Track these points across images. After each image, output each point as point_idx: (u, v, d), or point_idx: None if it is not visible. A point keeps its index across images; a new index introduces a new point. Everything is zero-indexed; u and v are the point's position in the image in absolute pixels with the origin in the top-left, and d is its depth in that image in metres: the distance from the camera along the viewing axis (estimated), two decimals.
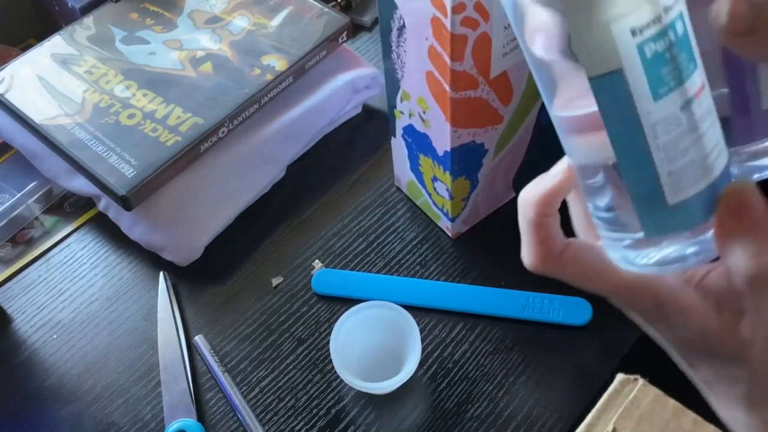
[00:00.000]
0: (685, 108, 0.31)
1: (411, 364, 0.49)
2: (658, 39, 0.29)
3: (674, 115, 0.31)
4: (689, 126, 0.31)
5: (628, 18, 0.29)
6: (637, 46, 0.29)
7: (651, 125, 0.31)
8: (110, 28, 0.67)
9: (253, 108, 0.61)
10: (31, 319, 0.58)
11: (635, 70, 0.30)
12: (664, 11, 0.29)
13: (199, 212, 0.59)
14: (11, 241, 0.63)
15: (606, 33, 0.29)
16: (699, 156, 0.32)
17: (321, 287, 0.57)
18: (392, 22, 0.49)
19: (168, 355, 0.54)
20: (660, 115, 0.31)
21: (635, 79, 0.30)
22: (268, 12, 0.68)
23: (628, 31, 0.29)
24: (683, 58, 0.30)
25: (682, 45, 0.30)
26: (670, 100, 0.30)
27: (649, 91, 0.30)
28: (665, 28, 0.29)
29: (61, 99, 0.61)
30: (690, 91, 0.30)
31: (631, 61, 0.30)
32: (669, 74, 0.30)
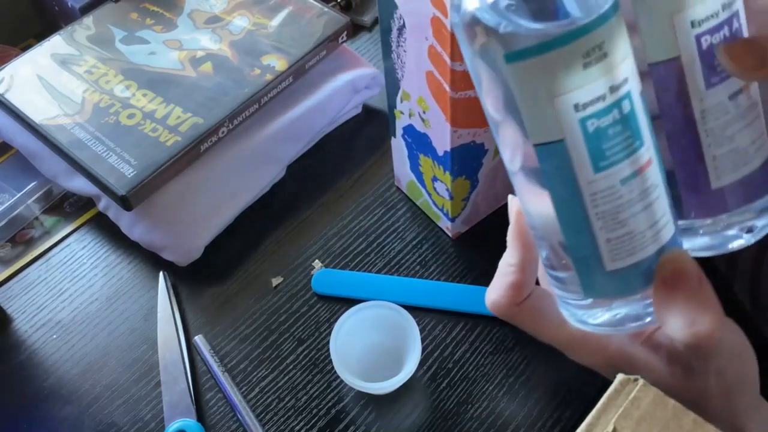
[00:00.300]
0: (626, 181, 0.31)
1: (411, 364, 0.49)
2: (601, 116, 0.30)
3: (614, 188, 0.31)
4: (629, 199, 0.31)
5: (573, 94, 0.29)
6: (579, 121, 0.30)
7: (591, 194, 0.31)
8: (110, 28, 0.67)
9: (253, 108, 0.61)
10: (31, 319, 0.58)
11: (576, 142, 0.30)
12: (609, 91, 0.29)
13: (199, 212, 0.59)
14: (11, 241, 0.63)
15: (549, 105, 0.29)
16: (638, 227, 0.32)
17: (321, 287, 0.57)
18: (392, 22, 0.49)
19: (168, 355, 0.54)
20: (600, 186, 0.31)
21: (576, 151, 0.30)
22: (268, 12, 0.68)
23: (572, 106, 0.29)
24: (627, 135, 0.30)
25: (627, 123, 0.30)
26: (611, 173, 0.31)
27: (589, 162, 0.30)
28: (610, 106, 0.29)
29: (60, 99, 0.61)
30: (633, 167, 0.31)
31: (573, 133, 0.30)
32: (611, 149, 0.30)
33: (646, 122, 0.31)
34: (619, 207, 0.31)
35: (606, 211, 0.32)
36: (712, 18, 0.31)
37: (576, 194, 0.31)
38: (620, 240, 0.32)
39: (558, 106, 0.29)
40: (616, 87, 0.29)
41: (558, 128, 0.30)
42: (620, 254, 0.33)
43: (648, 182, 0.31)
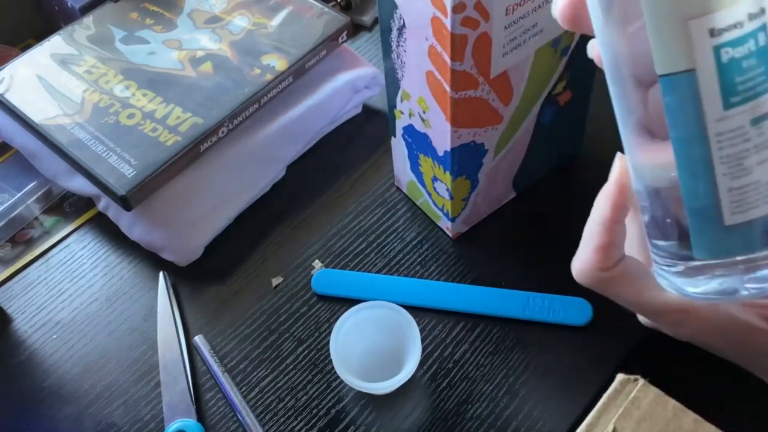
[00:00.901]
0: (755, 123, 0.29)
1: (411, 364, 0.49)
2: (737, 45, 0.28)
3: (743, 128, 0.29)
4: (758, 144, 0.29)
5: (708, 18, 0.27)
6: (713, 48, 0.28)
7: (717, 134, 0.29)
8: (110, 27, 0.67)
9: (253, 108, 0.61)
10: (30, 319, 0.58)
11: (708, 72, 0.28)
12: (748, 18, 0.27)
13: (199, 212, 0.59)
14: (11, 241, 0.63)
15: (683, 29, 0.27)
16: (766, 177, 0.29)
17: (321, 287, 0.57)
18: (392, 22, 0.49)
19: (168, 355, 0.54)
20: (728, 125, 0.29)
21: (707, 83, 0.28)
22: (268, 12, 0.67)
23: (707, 31, 0.27)
24: (761, 71, 0.28)
25: (762, 57, 0.28)
26: (741, 110, 0.28)
27: (720, 97, 0.28)
28: (747, 35, 0.27)
29: (60, 99, 0.61)
30: (764, 108, 0.28)
31: (705, 62, 0.28)
32: (744, 84, 0.28)
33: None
34: (747, 151, 0.29)
35: (732, 154, 0.29)
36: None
37: (701, 134, 0.29)
38: (743, 190, 0.29)
39: (692, 30, 0.27)
40: (755, 15, 0.27)
41: (689, 56, 0.28)
42: (742, 206, 0.30)
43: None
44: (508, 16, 0.44)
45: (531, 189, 0.61)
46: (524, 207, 0.61)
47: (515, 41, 0.47)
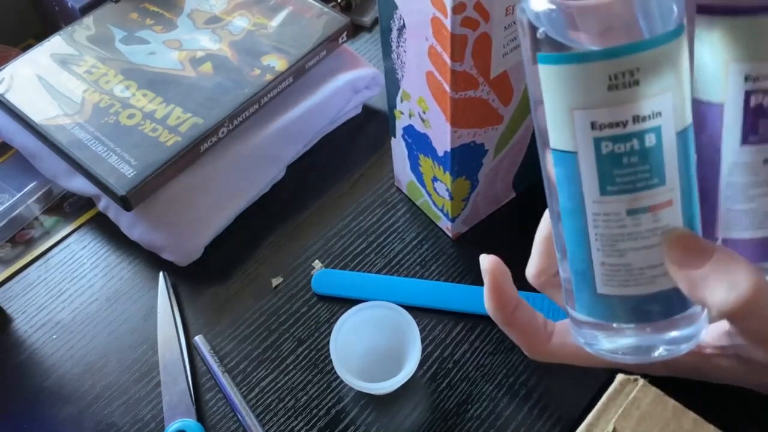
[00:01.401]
0: (632, 214, 0.30)
1: (411, 364, 0.49)
2: (618, 141, 0.29)
3: (618, 215, 0.30)
4: (632, 232, 0.30)
5: (592, 111, 0.28)
6: (593, 139, 0.29)
7: (593, 214, 0.30)
8: (110, 28, 0.67)
9: (253, 108, 0.61)
10: (30, 320, 0.58)
11: (588, 159, 0.29)
12: (633, 120, 0.28)
13: (199, 212, 0.59)
14: (11, 242, 0.63)
15: (568, 116, 0.29)
16: (638, 263, 0.31)
17: (321, 287, 0.57)
18: (392, 22, 0.49)
19: (168, 356, 0.54)
20: (603, 209, 0.30)
21: (586, 168, 0.30)
22: (268, 12, 0.68)
23: (588, 123, 0.29)
24: (645, 169, 0.29)
25: (647, 157, 0.29)
26: (617, 200, 0.30)
27: (597, 183, 0.30)
28: (630, 134, 0.28)
29: (60, 99, 0.61)
30: (643, 202, 0.29)
31: (586, 150, 0.29)
32: (622, 177, 0.29)
33: (679, 162, 0.29)
34: (621, 236, 0.30)
35: (605, 235, 0.31)
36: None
37: (580, 209, 0.31)
38: (616, 268, 0.31)
39: (575, 120, 0.29)
40: (642, 118, 0.28)
41: (573, 140, 0.29)
42: (613, 282, 0.31)
43: (660, 223, 0.30)
44: (508, 17, 0.44)
45: (531, 189, 0.61)
46: (524, 207, 0.61)
47: (515, 41, 0.47)
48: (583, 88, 0.28)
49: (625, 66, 0.27)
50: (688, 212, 0.30)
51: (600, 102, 0.28)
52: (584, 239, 0.31)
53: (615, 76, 0.27)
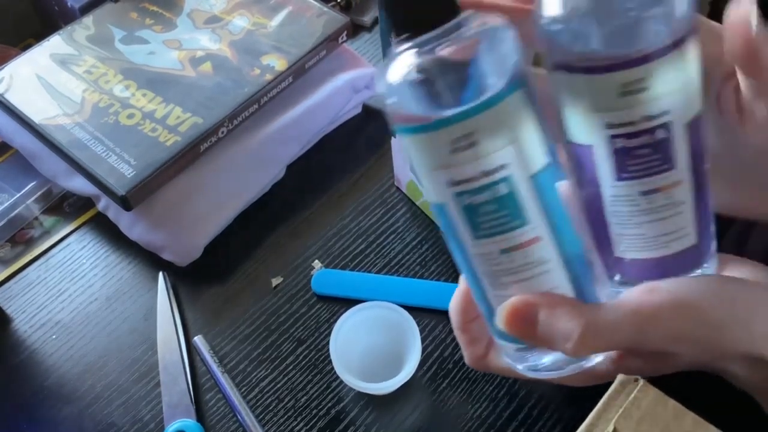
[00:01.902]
0: (506, 252, 0.32)
1: (411, 364, 0.49)
2: (473, 194, 0.31)
3: (492, 254, 0.33)
4: (509, 267, 0.33)
5: (444, 171, 0.31)
6: (453, 195, 0.31)
7: (474, 255, 0.33)
8: (110, 27, 0.67)
9: (253, 108, 0.61)
10: (30, 320, 0.58)
11: (454, 211, 0.32)
12: (481, 174, 0.30)
13: (199, 212, 0.59)
14: (11, 241, 0.63)
15: (429, 175, 0.32)
16: (522, 293, 0.33)
17: (321, 287, 0.57)
18: None
19: (167, 356, 0.54)
20: (480, 250, 0.33)
21: (456, 218, 0.32)
22: (268, 12, 0.67)
23: (445, 181, 0.31)
24: (504, 214, 0.31)
25: (503, 204, 0.31)
26: (489, 242, 0.32)
27: (469, 230, 0.32)
28: (481, 187, 0.31)
29: (60, 99, 0.61)
30: (511, 242, 0.32)
31: (450, 203, 0.32)
32: (486, 223, 0.32)
33: (541, 201, 0.32)
34: (500, 272, 0.33)
35: (488, 272, 0.33)
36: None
37: (464, 252, 0.34)
38: (503, 299, 0.34)
39: (435, 178, 0.31)
40: (489, 172, 0.30)
41: (439, 196, 0.32)
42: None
43: (533, 257, 0.32)
44: None
45: None
46: None
47: None
48: (433, 153, 0.31)
49: (461, 131, 0.30)
50: (562, 242, 0.33)
51: (449, 163, 0.30)
52: (475, 277, 0.34)
53: (455, 140, 0.30)
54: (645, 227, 0.34)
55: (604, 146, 0.33)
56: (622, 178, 0.33)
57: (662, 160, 0.32)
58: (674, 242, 0.34)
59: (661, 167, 0.32)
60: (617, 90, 0.31)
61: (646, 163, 0.32)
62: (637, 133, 0.32)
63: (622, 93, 0.31)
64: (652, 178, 0.33)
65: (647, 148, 0.32)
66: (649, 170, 0.33)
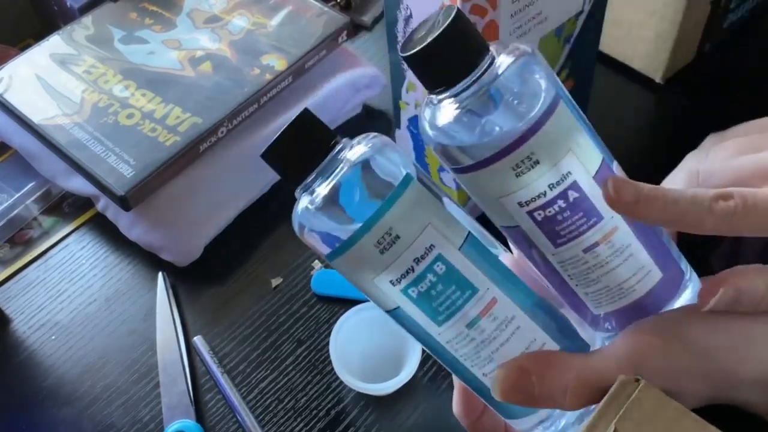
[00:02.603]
0: (472, 327, 0.33)
1: (411, 365, 0.49)
2: (417, 284, 0.32)
3: (462, 333, 0.33)
4: (483, 339, 0.33)
5: (382, 275, 0.32)
6: (401, 292, 0.32)
7: (446, 342, 0.33)
8: (109, 27, 0.67)
9: (253, 108, 0.61)
10: (29, 320, 0.58)
11: (409, 308, 0.33)
12: (415, 263, 0.31)
13: (198, 212, 0.59)
14: (10, 242, 0.62)
15: (372, 286, 0.33)
16: (508, 358, 0.33)
17: (320, 288, 0.57)
18: (398, 13, 0.49)
19: (167, 356, 0.54)
20: (449, 335, 0.33)
21: (414, 315, 0.33)
22: (268, 11, 0.67)
23: (387, 283, 0.32)
24: (452, 290, 0.32)
25: (448, 281, 0.32)
26: (452, 323, 0.33)
27: (430, 320, 0.33)
28: (420, 275, 0.32)
29: (59, 99, 0.61)
30: (472, 312, 0.32)
31: (403, 303, 0.32)
32: (442, 306, 0.32)
33: (480, 267, 0.32)
34: (477, 347, 0.33)
35: (466, 353, 0.33)
36: (540, 197, 0.32)
37: (437, 345, 0.34)
38: (492, 374, 0.33)
39: (378, 285, 0.32)
40: (420, 258, 0.31)
41: (390, 300, 0.33)
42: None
43: (499, 318, 0.33)
44: (514, 4, 0.45)
45: None
46: None
47: (521, 29, 0.47)
48: (365, 263, 0.32)
49: (377, 235, 0.31)
50: (520, 297, 0.33)
51: (383, 265, 0.32)
52: (457, 363, 0.34)
53: (378, 242, 0.31)
54: (604, 280, 0.34)
55: (527, 222, 0.33)
56: (558, 244, 0.34)
57: (587, 215, 0.33)
58: (639, 284, 0.35)
59: (589, 222, 0.33)
60: (513, 173, 0.32)
61: (574, 223, 0.33)
62: (550, 202, 0.32)
63: (518, 174, 0.32)
64: (586, 235, 0.33)
65: (567, 211, 0.32)
66: (580, 228, 0.33)
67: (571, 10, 0.50)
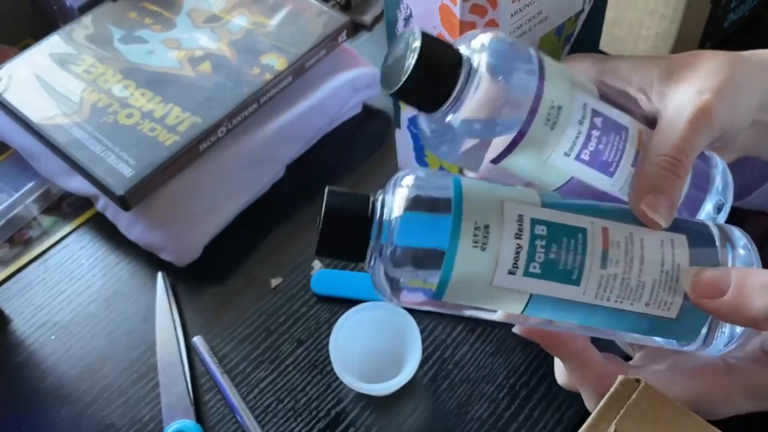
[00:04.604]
0: (605, 263, 0.32)
1: (411, 365, 0.49)
2: (532, 259, 0.31)
3: (603, 276, 0.32)
4: (622, 271, 0.32)
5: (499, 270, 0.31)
6: (524, 275, 0.31)
7: (594, 298, 0.32)
8: (108, 27, 0.67)
9: (252, 107, 0.61)
10: (29, 320, 0.58)
11: (540, 287, 0.32)
12: (517, 238, 0.31)
13: (198, 212, 0.59)
14: (9, 242, 0.62)
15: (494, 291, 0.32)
16: (653, 278, 0.33)
17: (320, 288, 0.57)
18: (398, 12, 0.49)
19: (166, 356, 0.54)
20: (592, 288, 0.32)
21: (548, 291, 0.32)
22: (268, 11, 0.67)
23: (508, 274, 0.31)
24: (564, 242, 0.31)
25: (554, 238, 0.31)
26: (587, 272, 0.32)
27: (566, 285, 0.32)
28: (531, 244, 0.31)
29: (59, 98, 0.61)
30: (597, 251, 0.32)
31: (530, 285, 0.32)
32: (567, 263, 0.31)
33: (573, 207, 0.32)
34: (624, 280, 0.32)
35: (619, 293, 0.32)
36: (579, 136, 0.33)
37: (588, 309, 0.33)
38: (656, 294, 0.33)
39: (501, 283, 0.31)
40: (520, 232, 0.31)
41: (518, 293, 0.32)
42: (664, 305, 0.33)
43: (623, 241, 0.32)
44: (514, 3, 0.45)
45: None
46: None
47: (521, 29, 0.46)
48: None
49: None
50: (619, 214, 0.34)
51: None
52: (617, 314, 0.33)
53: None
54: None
55: (579, 168, 0.34)
56: (612, 172, 0.35)
57: (617, 132, 0.35)
58: None
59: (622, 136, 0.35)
60: (547, 126, 0.33)
61: (613, 145, 0.35)
62: (587, 137, 0.34)
63: (551, 126, 0.33)
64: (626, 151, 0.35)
65: (603, 136, 0.35)
66: (619, 146, 0.35)
67: (571, 10, 0.50)
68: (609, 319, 0.33)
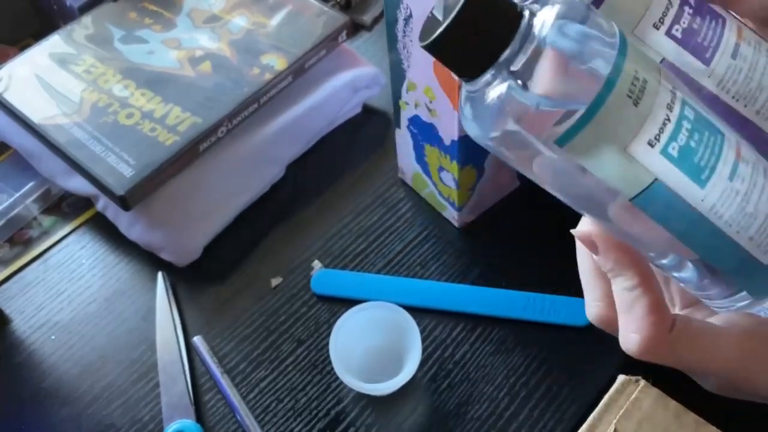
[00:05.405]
0: (733, 174, 0.29)
1: (411, 365, 0.49)
2: (676, 135, 0.28)
3: (726, 189, 0.29)
4: (746, 189, 0.29)
5: (640, 134, 0.27)
6: (660, 153, 0.28)
7: (710, 209, 0.29)
8: (109, 27, 0.67)
9: (252, 107, 0.61)
10: (29, 320, 0.58)
11: (670, 174, 0.28)
12: (668, 109, 0.28)
13: (198, 212, 0.59)
14: (9, 242, 0.62)
15: (626, 158, 0.28)
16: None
17: (320, 288, 0.57)
18: (398, 13, 0.49)
19: (167, 356, 0.54)
20: (714, 196, 0.29)
21: (674, 181, 0.28)
22: (268, 11, 0.67)
23: (646, 144, 0.28)
24: (706, 136, 0.28)
25: (699, 127, 0.28)
26: (716, 178, 0.29)
27: (693, 183, 0.28)
28: (677, 122, 0.28)
29: (59, 98, 0.61)
30: (730, 157, 0.29)
31: (663, 168, 0.28)
32: (702, 157, 0.28)
33: (709, 113, 0.29)
34: (742, 201, 0.29)
35: (733, 214, 0.29)
36: (668, 8, 0.30)
37: (697, 219, 0.29)
38: (763, 230, 0.30)
39: (634, 153, 0.27)
40: (672, 103, 0.28)
41: (646, 172, 0.28)
42: (765, 246, 0.30)
43: (750, 161, 0.29)
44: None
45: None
46: (528, 198, 0.60)
47: None
48: (619, 123, 0.27)
49: (628, 79, 0.27)
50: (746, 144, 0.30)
51: (639, 120, 0.27)
52: (721, 237, 0.30)
53: (630, 91, 0.27)
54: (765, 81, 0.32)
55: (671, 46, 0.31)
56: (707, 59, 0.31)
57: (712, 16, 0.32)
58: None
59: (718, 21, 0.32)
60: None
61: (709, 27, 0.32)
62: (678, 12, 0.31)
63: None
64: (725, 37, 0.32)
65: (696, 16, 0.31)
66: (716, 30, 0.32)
67: None
68: (706, 241, 0.30)
